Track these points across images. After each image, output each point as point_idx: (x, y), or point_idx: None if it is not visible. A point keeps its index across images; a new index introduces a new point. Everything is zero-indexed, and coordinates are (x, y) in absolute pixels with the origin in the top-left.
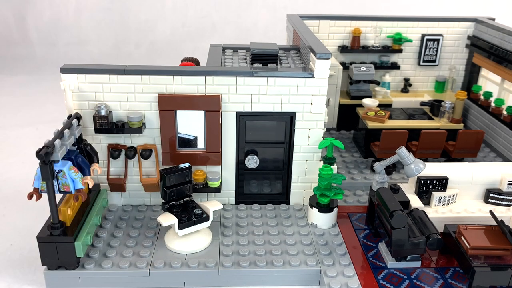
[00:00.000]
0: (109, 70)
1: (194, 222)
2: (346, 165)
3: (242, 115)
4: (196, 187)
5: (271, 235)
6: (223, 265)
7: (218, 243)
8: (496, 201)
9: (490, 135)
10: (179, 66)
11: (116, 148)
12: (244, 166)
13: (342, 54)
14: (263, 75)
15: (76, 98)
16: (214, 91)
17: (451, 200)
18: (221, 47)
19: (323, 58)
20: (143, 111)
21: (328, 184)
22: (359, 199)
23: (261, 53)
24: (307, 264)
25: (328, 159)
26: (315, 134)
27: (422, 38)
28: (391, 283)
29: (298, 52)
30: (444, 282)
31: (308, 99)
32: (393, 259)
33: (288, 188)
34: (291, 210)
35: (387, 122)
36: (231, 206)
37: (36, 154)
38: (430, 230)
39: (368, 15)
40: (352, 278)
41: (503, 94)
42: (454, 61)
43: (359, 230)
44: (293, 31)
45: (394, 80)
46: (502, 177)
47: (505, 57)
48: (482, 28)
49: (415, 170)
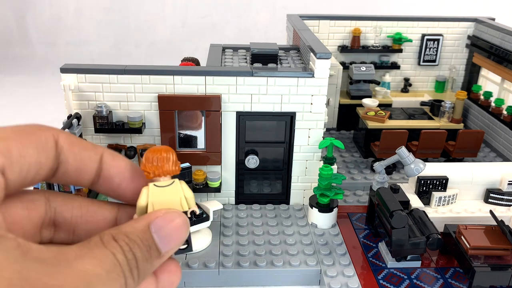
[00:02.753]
0: (109, 70)
1: (194, 222)
2: (346, 165)
3: (242, 115)
4: (196, 187)
5: (271, 235)
6: (223, 265)
7: (218, 243)
8: (496, 201)
9: (490, 135)
10: (179, 66)
11: (116, 148)
12: (244, 166)
13: (342, 54)
14: (263, 75)
15: (76, 98)
16: (214, 91)
17: (451, 200)
18: (221, 47)
19: (323, 58)
20: (143, 111)
21: (328, 184)
22: (359, 199)
23: (261, 53)
24: (307, 264)
25: (328, 159)
26: (315, 134)
27: (422, 38)
28: (391, 283)
29: (298, 52)
30: (444, 282)
31: (308, 99)
32: (393, 259)
33: (288, 188)
34: (291, 210)
35: (387, 122)
36: (231, 206)
37: None
38: (430, 230)
39: (368, 15)
40: (352, 278)
41: (503, 94)
42: (454, 61)
43: (359, 230)
44: (293, 31)
45: (394, 80)
46: (502, 177)
47: (505, 57)
48: (482, 28)
49: (415, 170)
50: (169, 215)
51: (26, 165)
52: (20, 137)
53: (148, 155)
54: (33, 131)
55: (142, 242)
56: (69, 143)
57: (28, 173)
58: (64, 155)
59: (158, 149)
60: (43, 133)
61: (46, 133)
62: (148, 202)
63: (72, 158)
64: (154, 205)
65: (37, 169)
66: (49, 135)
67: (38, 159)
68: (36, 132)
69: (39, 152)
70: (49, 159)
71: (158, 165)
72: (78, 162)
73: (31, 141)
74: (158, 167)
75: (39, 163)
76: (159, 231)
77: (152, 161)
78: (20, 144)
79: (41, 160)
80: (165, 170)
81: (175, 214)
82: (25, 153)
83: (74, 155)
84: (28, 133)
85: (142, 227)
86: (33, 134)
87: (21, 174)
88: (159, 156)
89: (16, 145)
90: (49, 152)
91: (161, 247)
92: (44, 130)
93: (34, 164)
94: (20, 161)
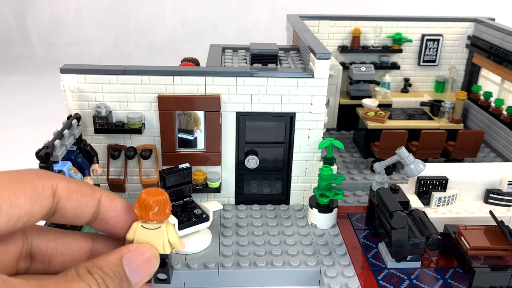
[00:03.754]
0: (109, 71)
1: (194, 222)
2: (346, 165)
3: (242, 115)
4: (196, 188)
5: (271, 235)
6: (223, 265)
7: (218, 244)
8: (496, 201)
9: (490, 135)
10: (179, 67)
11: (116, 148)
12: (244, 166)
13: (342, 54)
14: (263, 75)
15: (76, 98)
16: (214, 92)
17: (451, 200)
18: (221, 47)
19: (323, 58)
20: (143, 112)
21: (328, 185)
22: (359, 199)
23: (261, 53)
24: (307, 264)
25: (328, 159)
26: (315, 134)
27: (422, 38)
28: (391, 284)
29: (298, 52)
30: (444, 282)
31: (308, 99)
32: (393, 260)
33: (288, 188)
34: (291, 211)
35: (387, 122)
36: (231, 207)
37: (36, 155)
38: (430, 230)
39: (368, 15)
40: (352, 279)
41: (503, 94)
42: (454, 61)
43: (359, 231)
44: (293, 31)
45: (394, 80)
46: (502, 177)
47: (505, 57)
48: (482, 28)
49: (415, 170)
50: (140, 249)
51: (15, 215)
52: (14, 187)
53: (141, 197)
54: (30, 180)
55: (115, 274)
56: (68, 190)
57: (17, 222)
58: (62, 203)
59: (151, 194)
60: (40, 182)
61: (44, 182)
62: (134, 238)
63: (70, 206)
64: (139, 242)
65: (27, 218)
66: (47, 184)
67: (30, 209)
68: (33, 181)
69: (32, 203)
70: (42, 208)
71: (145, 212)
72: (75, 208)
73: (25, 190)
74: (146, 213)
75: (30, 213)
76: (130, 264)
77: (141, 206)
78: (13, 194)
79: (33, 210)
80: (150, 218)
81: (146, 249)
82: (16, 204)
83: (72, 203)
84: (25, 182)
85: (115, 260)
86: (29, 183)
87: (9, 223)
88: (147, 204)
89: (8, 195)
90: (44, 202)
91: (131, 279)
92: (43, 179)
93: (25, 214)
94: (9, 211)
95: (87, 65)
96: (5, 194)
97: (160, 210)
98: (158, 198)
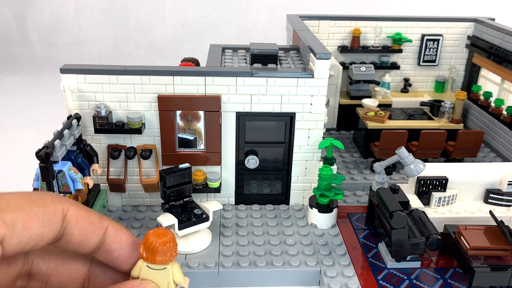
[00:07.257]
0: (108, 71)
1: (194, 222)
2: (346, 165)
3: (242, 115)
4: (196, 188)
5: (271, 235)
6: (223, 265)
7: (218, 244)
8: (496, 201)
9: (490, 135)
10: (179, 67)
11: (116, 148)
12: (244, 166)
13: (342, 54)
14: (263, 76)
15: (76, 98)
16: (214, 92)
17: (451, 200)
18: (221, 47)
19: (322, 58)
20: (143, 112)
21: (328, 185)
22: (359, 199)
23: (261, 53)
24: (307, 264)
25: (328, 159)
26: (315, 134)
27: (422, 38)
28: (391, 284)
29: (298, 52)
30: (444, 282)
31: (308, 99)
32: (393, 260)
33: (288, 189)
34: (291, 211)
35: (387, 122)
36: (231, 207)
37: (36, 155)
38: (430, 230)
39: (368, 15)
40: (352, 279)
41: (503, 94)
42: (454, 61)
43: (359, 231)
44: (293, 31)
45: (394, 80)
46: (502, 177)
47: (505, 57)
48: (482, 28)
49: (415, 171)
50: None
51: (26, 237)
52: (29, 208)
53: (147, 238)
54: (44, 203)
55: None
56: (77, 216)
57: (27, 244)
58: (70, 228)
59: (158, 235)
60: (53, 206)
61: (57, 206)
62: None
63: (76, 232)
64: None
65: (37, 241)
66: (59, 208)
67: (41, 232)
68: (47, 204)
69: (43, 226)
70: (52, 232)
71: (152, 255)
72: (82, 236)
73: (39, 213)
74: (152, 257)
75: (41, 236)
76: None
77: (147, 247)
78: (27, 216)
79: (44, 234)
80: (156, 260)
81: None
82: (29, 226)
83: (79, 230)
84: (39, 205)
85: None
86: (43, 206)
87: (19, 245)
88: (154, 246)
89: (23, 217)
90: (54, 225)
91: None
92: (56, 203)
93: (35, 237)
94: (21, 233)
95: (87, 65)
96: (20, 216)
97: (166, 254)
98: (165, 240)
